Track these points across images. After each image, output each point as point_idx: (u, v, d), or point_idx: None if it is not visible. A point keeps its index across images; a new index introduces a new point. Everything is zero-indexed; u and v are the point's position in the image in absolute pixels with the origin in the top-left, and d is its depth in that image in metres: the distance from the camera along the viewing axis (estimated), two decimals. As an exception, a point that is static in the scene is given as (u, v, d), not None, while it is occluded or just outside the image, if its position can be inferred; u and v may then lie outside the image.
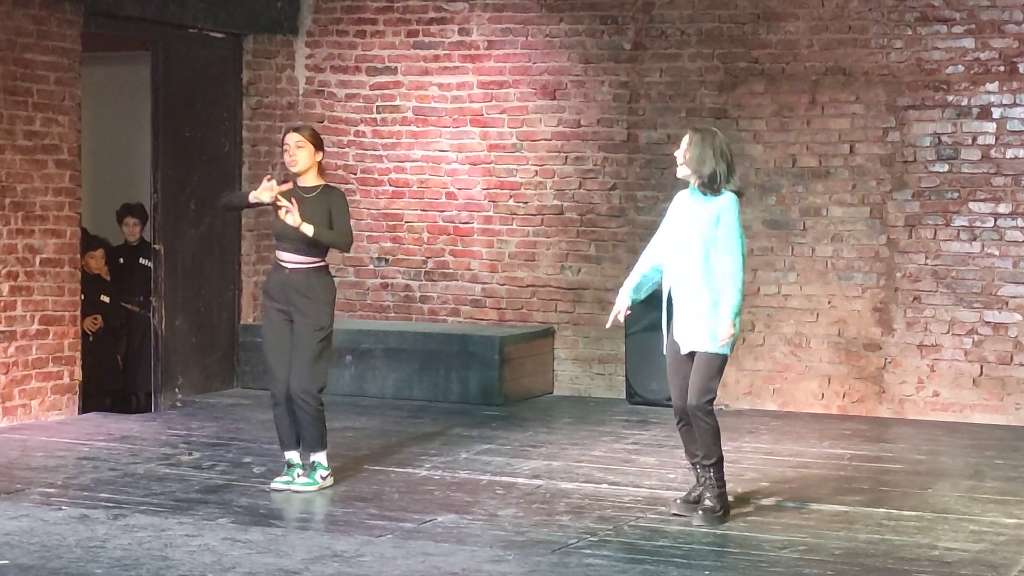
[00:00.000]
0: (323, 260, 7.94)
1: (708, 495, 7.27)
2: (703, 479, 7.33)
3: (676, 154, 7.41)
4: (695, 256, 7.23)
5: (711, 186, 7.27)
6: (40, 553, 6.46)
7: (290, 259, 7.87)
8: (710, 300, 7.20)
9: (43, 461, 8.58)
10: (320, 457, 7.94)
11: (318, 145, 7.97)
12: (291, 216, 7.69)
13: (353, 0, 11.99)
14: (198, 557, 6.42)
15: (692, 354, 7.29)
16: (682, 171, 7.37)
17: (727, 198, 7.27)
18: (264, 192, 7.78)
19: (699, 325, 7.22)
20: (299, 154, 7.89)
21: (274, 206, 7.77)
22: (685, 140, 7.36)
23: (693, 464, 7.44)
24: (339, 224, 7.89)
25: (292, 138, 7.93)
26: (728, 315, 7.18)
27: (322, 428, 7.92)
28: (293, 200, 7.75)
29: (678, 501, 7.43)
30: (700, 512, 7.24)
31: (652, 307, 10.64)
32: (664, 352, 7.45)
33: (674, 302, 7.32)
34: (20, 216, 9.84)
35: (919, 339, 10.55)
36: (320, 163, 8.01)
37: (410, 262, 11.92)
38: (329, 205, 7.89)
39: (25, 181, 9.87)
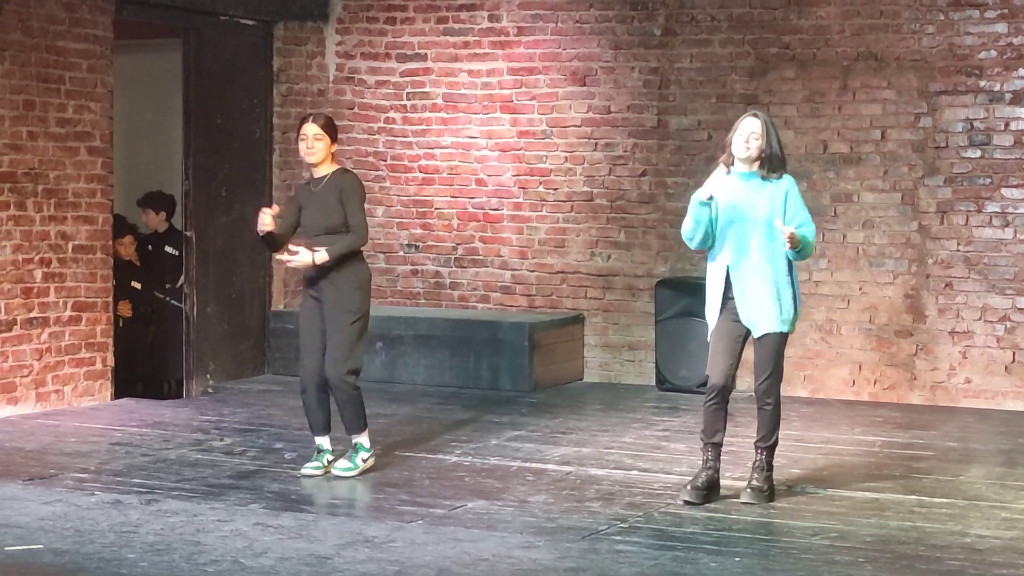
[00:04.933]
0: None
1: (756, 475, 7.36)
2: (754, 461, 7.39)
3: (744, 139, 7.20)
4: (763, 238, 7.22)
5: (780, 167, 7.29)
6: (73, 538, 6.51)
7: (318, 248, 7.85)
8: (774, 280, 7.23)
9: (76, 447, 8.64)
10: (362, 439, 7.92)
11: (333, 136, 7.90)
12: (299, 258, 7.74)
13: (383, -13, 12.00)
14: (230, 542, 6.46)
15: (744, 337, 7.33)
16: (751, 154, 7.21)
17: (790, 180, 7.34)
18: (265, 225, 7.74)
19: (769, 306, 7.23)
20: (317, 145, 7.81)
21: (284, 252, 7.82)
22: (757, 125, 7.23)
23: (707, 445, 7.37)
24: (351, 219, 7.77)
25: (310, 129, 7.82)
26: (799, 235, 7.17)
27: (359, 410, 7.89)
28: (290, 249, 7.83)
29: (688, 488, 7.36)
30: (748, 490, 7.32)
31: (683, 294, 10.72)
32: (710, 335, 7.36)
33: (736, 284, 7.25)
34: (53, 203, 9.89)
35: (951, 326, 10.50)
36: (333, 153, 7.94)
37: (440, 249, 11.93)
38: (339, 193, 7.80)
39: (58, 168, 9.92)
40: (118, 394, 10.43)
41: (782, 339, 7.33)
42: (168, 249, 11.59)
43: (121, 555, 6.23)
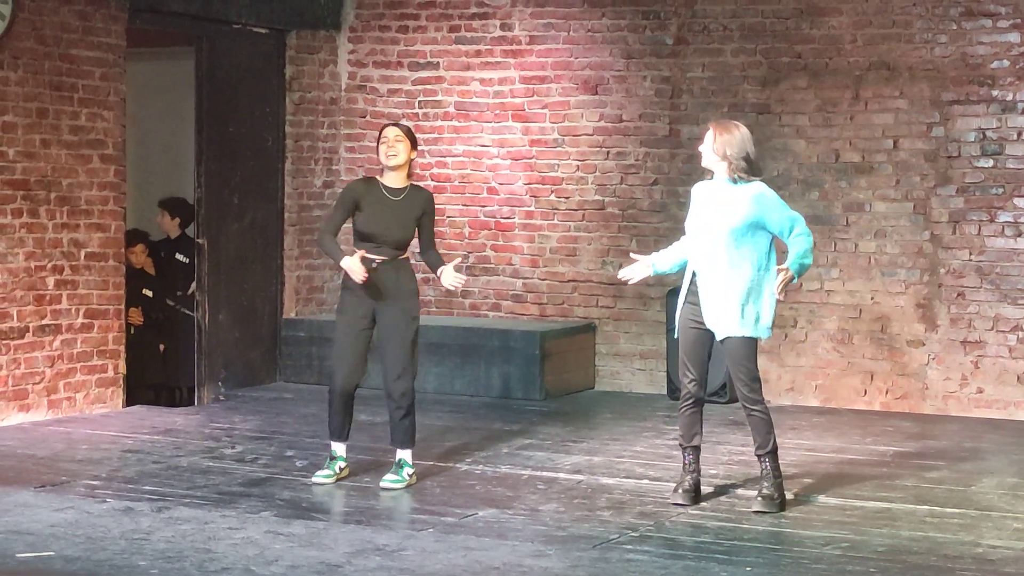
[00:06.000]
0: (408, 252, 7.97)
1: (766, 484, 7.38)
2: (761, 471, 7.42)
3: (702, 149, 7.45)
4: (723, 243, 7.29)
5: (750, 170, 7.36)
6: (85, 545, 6.52)
7: (382, 256, 7.80)
8: (740, 286, 7.30)
9: (88, 454, 8.65)
10: (407, 455, 7.90)
11: (414, 143, 7.94)
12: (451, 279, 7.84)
13: (395, -5, 12.02)
14: (241, 550, 6.46)
15: (711, 339, 7.41)
16: (710, 160, 7.40)
17: (760, 185, 7.40)
18: (356, 272, 7.67)
19: (730, 311, 7.29)
20: (398, 147, 7.84)
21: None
22: (709, 134, 7.41)
23: (687, 448, 7.51)
24: (431, 237, 7.95)
25: (391, 131, 7.89)
26: (793, 264, 7.23)
27: (414, 424, 7.91)
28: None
29: (680, 492, 7.50)
30: (759, 499, 7.36)
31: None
32: (676, 335, 7.53)
33: (701, 288, 7.37)
34: (65, 210, 9.92)
35: (963, 335, 10.48)
36: (412, 162, 7.97)
37: (451, 257, 11.89)
38: (420, 211, 7.87)
39: (70, 176, 9.95)
40: (130, 401, 10.45)
41: (747, 343, 7.34)
42: (179, 256, 11.61)
43: (132, 562, 6.24)
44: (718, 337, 7.37)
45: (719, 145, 7.35)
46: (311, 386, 11.30)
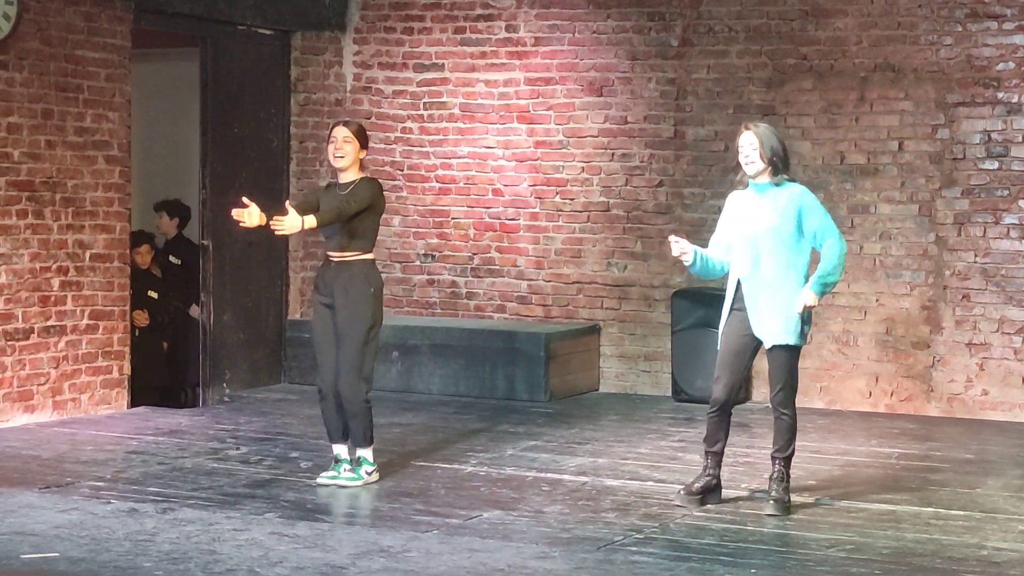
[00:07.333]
0: (367, 253, 7.91)
1: (776, 487, 7.38)
2: (772, 473, 7.41)
3: (744, 153, 7.29)
4: (768, 248, 7.25)
5: (785, 169, 7.32)
6: (89, 546, 6.52)
7: (334, 253, 7.88)
8: (788, 292, 7.27)
9: (92, 455, 8.66)
10: (366, 453, 7.95)
11: (364, 143, 7.97)
12: (286, 223, 7.59)
13: (400, -3, 12.03)
14: (246, 551, 6.46)
15: (754, 348, 7.39)
16: (757, 165, 7.28)
17: (801, 188, 7.37)
18: (253, 220, 7.66)
19: (778, 318, 7.28)
20: (345, 148, 7.89)
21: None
22: (751, 137, 7.28)
23: (708, 453, 7.49)
24: (348, 202, 7.74)
25: (340, 132, 7.93)
26: (815, 285, 7.21)
27: (368, 424, 7.90)
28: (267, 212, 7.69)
29: (682, 493, 7.50)
30: (771, 502, 7.35)
31: (699, 305, 10.71)
32: (719, 345, 7.45)
33: (747, 296, 7.32)
34: (70, 212, 9.92)
35: (968, 337, 10.47)
36: (361, 160, 8.00)
37: (456, 258, 11.94)
38: (353, 189, 7.88)
39: (75, 177, 9.95)
40: (134, 403, 10.46)
41: (792, 351, 7.37)
42: (171, 259, 11.60)
43: (137, 564, 6.24)
44: (767, 345, 7.33)
45: (767, 149, 7.27)
46: (317, 386, 11.29)
